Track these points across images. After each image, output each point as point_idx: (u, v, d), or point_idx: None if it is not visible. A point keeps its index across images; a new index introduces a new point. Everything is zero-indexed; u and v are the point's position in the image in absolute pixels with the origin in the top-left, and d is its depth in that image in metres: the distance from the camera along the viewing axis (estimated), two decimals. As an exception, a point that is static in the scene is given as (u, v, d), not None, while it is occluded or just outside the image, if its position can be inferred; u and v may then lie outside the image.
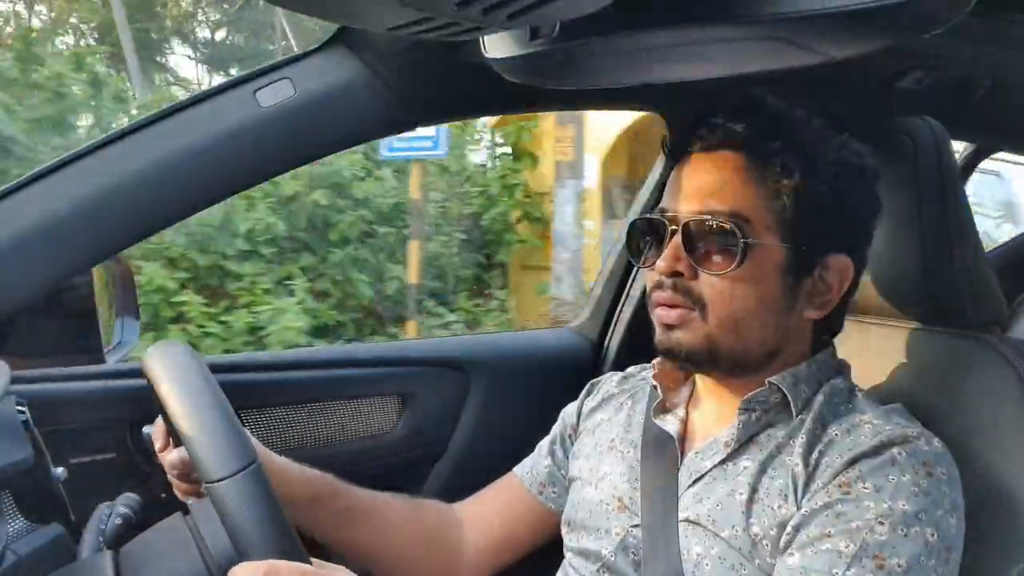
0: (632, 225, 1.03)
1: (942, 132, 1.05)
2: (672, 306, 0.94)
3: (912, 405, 1.02)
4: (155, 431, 1.03)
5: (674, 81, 0.98)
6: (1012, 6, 1.01)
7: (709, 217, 0.92)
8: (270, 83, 1.12)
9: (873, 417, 0.92)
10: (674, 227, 0.94)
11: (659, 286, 0.95)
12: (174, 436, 0.97)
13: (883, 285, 1.10)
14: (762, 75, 0.86)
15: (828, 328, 1.02)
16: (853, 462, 0.86)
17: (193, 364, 0.82)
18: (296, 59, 1.14)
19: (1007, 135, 1.82)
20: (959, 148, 2.17)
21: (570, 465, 1.16)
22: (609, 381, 1.21)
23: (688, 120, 0.99)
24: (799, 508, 0.88)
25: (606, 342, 1.72)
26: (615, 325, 1.71)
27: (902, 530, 0.81)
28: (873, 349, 1.14)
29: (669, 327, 0.95)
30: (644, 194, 1.61)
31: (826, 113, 1.03)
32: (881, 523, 0.82)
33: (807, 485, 0.88)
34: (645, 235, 1.01)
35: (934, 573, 0.81)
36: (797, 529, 0.86)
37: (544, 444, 1.24)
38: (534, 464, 1.23)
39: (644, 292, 1.06)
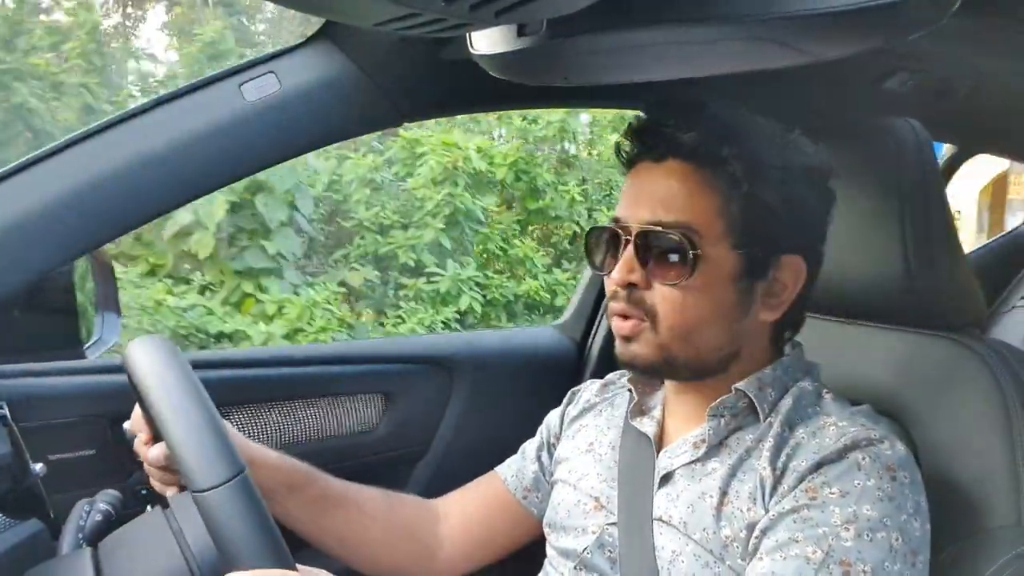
0: (589, 234, 1.04)
1: (924, 133, 1.06)
2: (626, 317, 0.95)
3: (889, 406, 1.03)
4: (134, 422, 1.02)
5: (660, 80, 0.98)
6: (995, 9, 1.02)
7: (660, 228, 0.93)
8: (255, 77, 1.11)
9: (838, 419, 0.92)
10: (627, 237, 0.95)
11: (615, 296, 0.96)
12: (154, 430, 0.96)
13: (863, 286, 1.11)
14: (746, 74, 0.86)
15: (787, 326, 1.03)
16: (819, 466, 0.87)
17: (175, 362, 0.81)
18: (281, 53, 1.14)
19: (988, 137, 1.84)
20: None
21: (554, 469, 1.17)
22: (589, 389, 1.22)
23: (636, 128, 0.99)
24: (767, 511, 0.88)
25: (589, 341, 1.73)
26: (598, 324, 1.72)
27: (867, 535, 0.82)
28: (852, 350, 1.15)
29: (626, 339, 0.96)
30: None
31: (810, 112, 1.04)
32: (847, 529, 0.83)
33: (774, 488, 0.89)
34: (602, 244, 1.01)
35: None
36: (765, 532, 0.87)
37: (531, 449, 1.24)
38: (520, 468, 1.23)
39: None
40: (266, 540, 0.70)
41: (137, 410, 1.00)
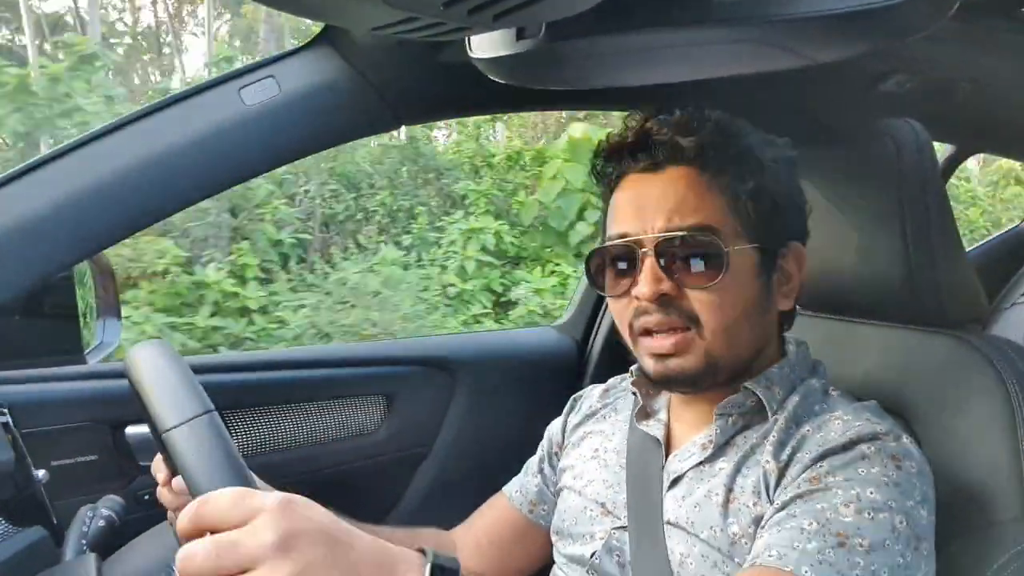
0: (592, 256, 1.02)
1: (924, 134, 1.06)
2: (668, 330, 0.94)
3: (894, 404, 1.03)
4: (155, 464, 0.98)
5: (658, 83, 0.98)
6: (992, 11, 1.02)
7: (682, 233, 0.92)
8: (255, 81, 1.11)
9: (844, 413, 0.93)
10: (644, 250, 0.94)
11: (644, 312, 0.94)
12: (171, 468, 0.94)
13: (865, 285, 1.11)
14: (746, 77, 0.86)
15: (788, 317, 1.04)
16: (822, 457, 0.87)
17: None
18: (281, 57, 1.14)
19: (987, 137, 1.84)
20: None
21: (558, 479, 1.16)
22: (591, 396, 1.21)
23: (625, 142, 0.98)
24: (772, 503, 0.88)
25: (590, 341, 1.73)
26: (599, 324, 1.72)
27: (868, 514, 0.81)
28: (855, 349, 1.15)
29: (665, 356, 0.95)
30: None
31: (810, 114, 1.04)
32: (847, 506, 0.82)
33: (779, 481, 0.89)
34: (608, 264, 1.00)
35: (901, 558, 0.80)
36: (768, 520, 0.87)
37: (532, 463, 1.24)
38: (523, 484, 1.22)
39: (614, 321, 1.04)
40: (233, 470, 0.68)
41: (158, 457, 0.97)
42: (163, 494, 0.96)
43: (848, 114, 1.31)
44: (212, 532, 0.58)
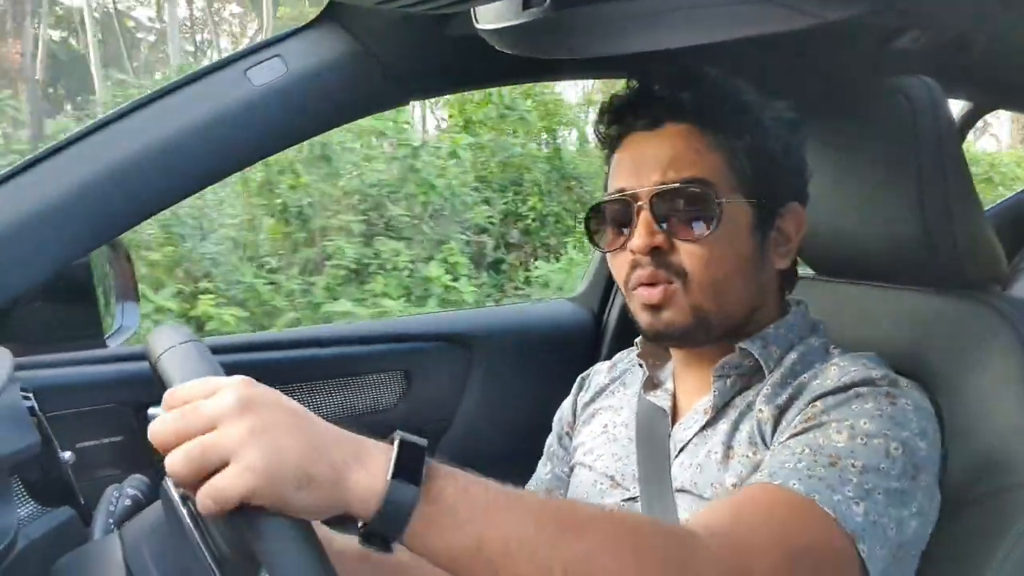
0: (590, 212, 1.03)
1: (938, 91, 1.04)
2: (653, 284, 0.94)
3: (912, 367, 1.02)
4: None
5: (666, 48, 0.97)
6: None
7: (676, 185, 0.93)
8: (261, 61, 1.11)
9: (840, 361, 0.93)
10: (639, 203, 0.94)
11: (637, 265, 0.95)
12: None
13: (882, 247, 1.10)
14: (755, 41, 0.85)
15: (790, 278, 1.05)
16: (816, 399, 0.88)
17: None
18: (287, 36, 1.13)
19: (1004, 93, 1.81)
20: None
21: (571, 457, 1.17)
22: (599, 373, 1.21)
23: (624, 100, 0.99)
24: (768, 448, 0.89)
25: (606, 311, 1.73)
26: (615, 294, 1.72)
27: (862, 439, 0.81)
28: (872, 312, 1.14)
29: (655, 308, 0.95)
30: None
31: (821, 75, 1.02)
32: (839, 432, 0.82)
33: (775, 428, 0.90)
34: (607, 220, 1.00)
35: (896, 483, 0.80)
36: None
37: (545, 449, 1.23)
38: (537, 474, 1.22)
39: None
40: (203, 364, 0.69)
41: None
42: None
43: (859, 73, 1.29)
44: None
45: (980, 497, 0.92)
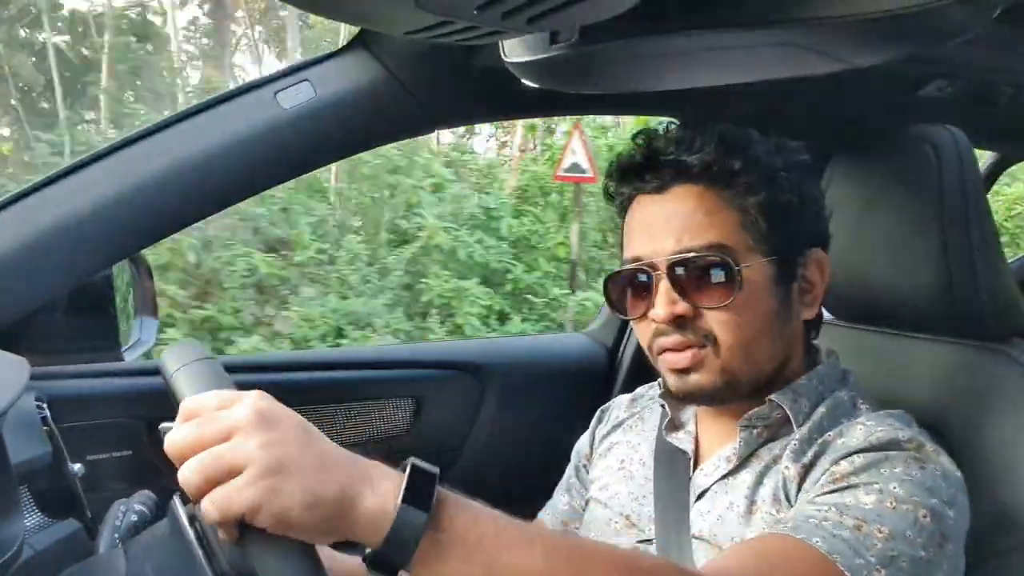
0: (608, 281, 1.01)
1: (964, 141, 1.04)
2: (681, 349, 0.93)
3: (932, 418, 1.01)
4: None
5: (693, 87, 0.97)
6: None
7: (693, 254, 0.92)
8: (291, 85, 1.12)
9: (867, 420, 0.91)
10: (657, 273, 0.93)
11: (662, 333, 0.94)
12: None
13: (904, 296, 1.09)
14: (783, 83, 0.85)
15: (815, 325, 1.03)
16: (843, 458, 0.85)
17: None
18: (316, 61, 1.15)
19: (1031, 144, 1.81)
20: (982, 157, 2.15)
21: (587, 490, 1.15)
22: (619, 407, 1.20)
23: (632, 163, 0.98)
24: (792, 506, 0.87)
25: (621, 348, 1.72)
26: (630, 330, 1.71)
27: (891, 503, 0.79)
28: (893, 362, 1.13)
29: (683, 371, 0.94)
30: None
31: (847, 121, 1.02)
32: (868, 495, 0.80)
33: (800, 485, 0.88)
34: (626, 287, 0.99)
35: (923, 551, 0.77)
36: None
37: (561, 484, 1.22)
38: (553, 504, 1.21)
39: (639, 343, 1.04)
40: (215, 379, 0.69)
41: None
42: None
43: (887, 120, 1.29)
44: None
45: (1002, 551, 0.91)
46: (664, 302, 0.92)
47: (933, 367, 1.09)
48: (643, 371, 1.25)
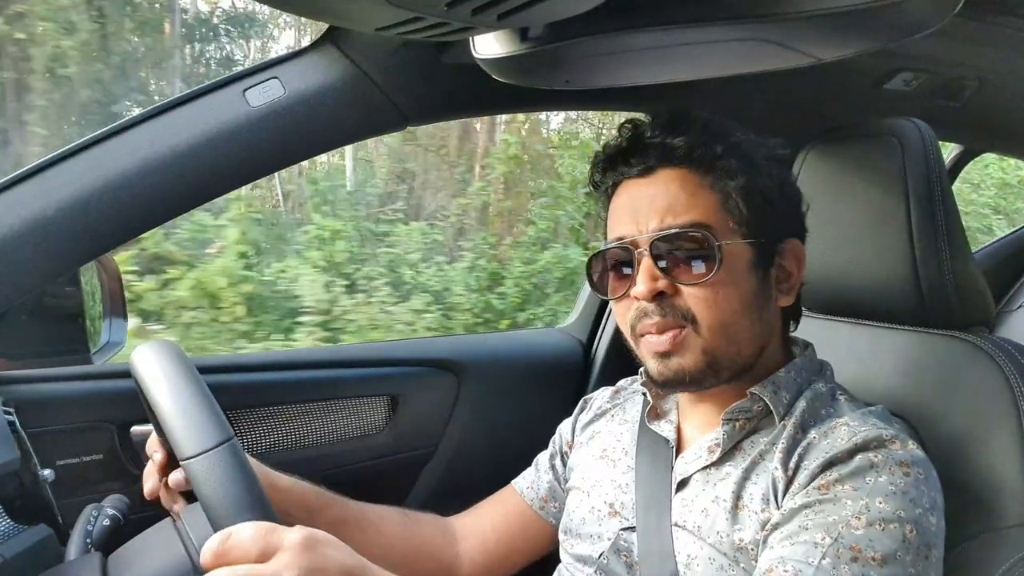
0: (591, 261, 1.03)
1: (930, 133, 1.06)
2: (662, 331, 0.94)
3: (901, 406, 1.03)
4: (150, 444, 0.99)
5: (662, 82, 0.98)
6: (999, 8, 1.01)
7: (676, 230, 0.93)
8: (259, 82, 1.11)
9: (850, 419, 0.93)
10: (640, 251, 0.95)
11: (644, 314, 0.95)
12: (168, 450, 0.94)
13: (871, 287, 1.11)
14: (750, 78, 0.86)
15: (793, 314, 1.05)
16: (830, 464, 0.87)
17: (179, 360, 0.81)
18: (285, 58, 1.14)
19: (994, 136, 1.84)
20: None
21: (568, 477, 1.17)
22: (601, 397, 1.22)
23: (617, 149, 1.00)
24: (779, 509, 0.88)
25: (595, 342, 1.73)
26: (604, 325, 1.72)
27: (879, 525, 0.82)
28: (861, 351, 1.15)
29: (664, 355, 0.95)
30: None
31: (815, 115, 1.03)
32: (858, 518, 0.82)
33: (787, 488, 0.89)
34: (608, 267, 1.01)
35: (912, 568, 0.80)
36: (776, 527, 0.87)
37: (543, 459, 1.24)
38: (535, 479, 1.23)
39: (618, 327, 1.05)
40: (255, 502, 0.69)
41: (153, 434, 0.98)
42: (161, 494, 0.97)
43: (853, 113, 1.30)
44: None
45: (972, 534, 0.92)
46: (646, 279, 0.94)
47: (901, 356, 1.10)
48: (618, 366, 1.26)
